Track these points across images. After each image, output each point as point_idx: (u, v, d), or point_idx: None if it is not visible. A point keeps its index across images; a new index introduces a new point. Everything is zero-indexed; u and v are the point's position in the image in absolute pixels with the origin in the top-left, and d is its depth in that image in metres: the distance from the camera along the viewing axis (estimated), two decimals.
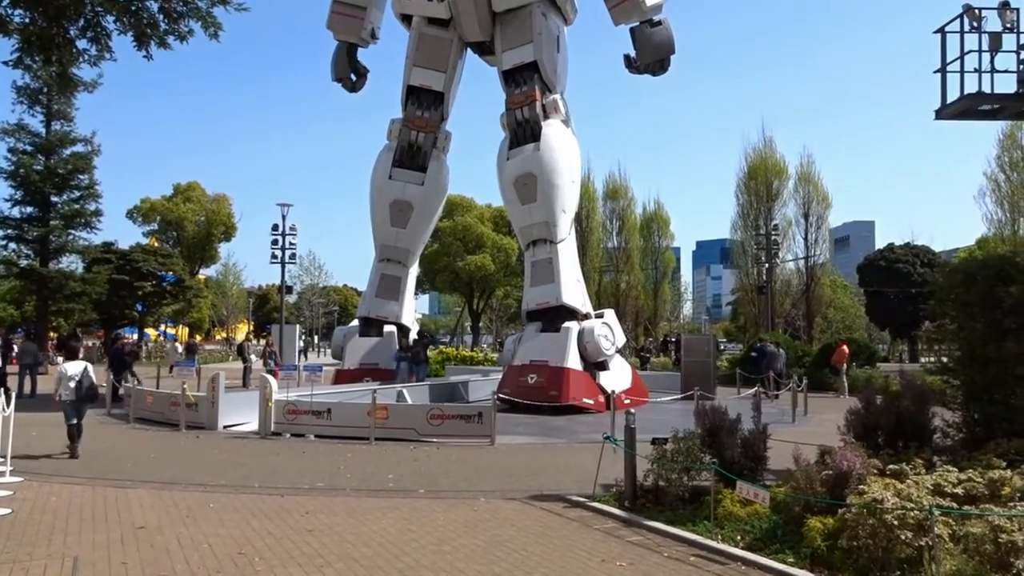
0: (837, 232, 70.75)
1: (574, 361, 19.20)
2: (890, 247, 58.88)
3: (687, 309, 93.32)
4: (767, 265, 41.98)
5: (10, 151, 36.98)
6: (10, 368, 22.90)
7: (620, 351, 21.48)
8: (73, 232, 39.33)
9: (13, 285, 41.98)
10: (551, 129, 20.42)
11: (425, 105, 22.52)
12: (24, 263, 37.83)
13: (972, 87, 11.56)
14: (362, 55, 24.25)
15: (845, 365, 26.38)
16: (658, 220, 53.06)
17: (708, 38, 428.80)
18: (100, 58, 8.29)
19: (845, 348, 27.05)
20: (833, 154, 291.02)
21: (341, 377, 22.00)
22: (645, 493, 8.71)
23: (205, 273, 73.91)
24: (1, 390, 12.50)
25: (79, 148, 38.79)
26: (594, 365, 19.74)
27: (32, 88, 35.58)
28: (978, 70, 11.56)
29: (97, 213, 39.48)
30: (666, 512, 8.08)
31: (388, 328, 22.69)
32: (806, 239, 43.98)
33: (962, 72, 11.64)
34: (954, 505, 6.28)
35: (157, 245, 59.22)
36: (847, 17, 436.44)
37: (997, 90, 11.56)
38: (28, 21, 7.83)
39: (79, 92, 28.25)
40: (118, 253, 48.84)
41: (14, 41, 7.88)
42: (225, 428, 15.46)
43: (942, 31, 11.85)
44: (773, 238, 41.98)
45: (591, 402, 18.92)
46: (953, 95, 11.80)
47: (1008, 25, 11.43)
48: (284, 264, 37.19)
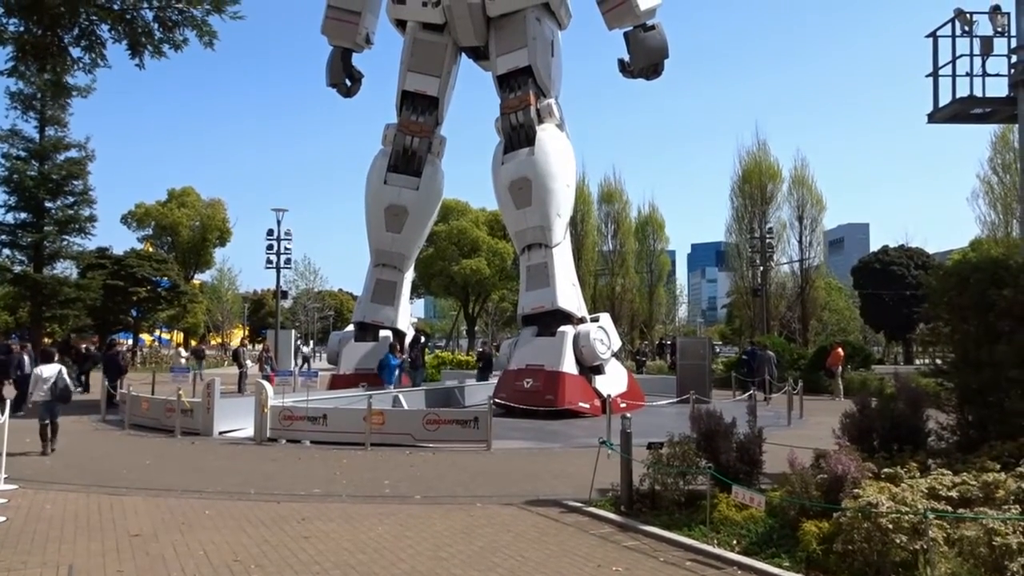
0: (831, 234, 71.10)
1: (570, 365, 19.21)
2: (884, 249, 59.11)
3: (682, 312, 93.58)
4: (762, 268, 42.10)
5: (3, 157, 36.80)
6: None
7: (616, 355, 21.50)
8: (67, 238, 39.13)
9: (7, 291, 41.84)
10: (546, 133, 20.46)
11: (420, 110, 22.56)
12: (18, 269, 37.68)
13: (964, 91, 11.63)
14: (357, 60, 24.29)
15: (840, 368, 26.46)
16: (653, 223, 53.25)
17: (702, 42, 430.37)
18: (94, 66, 8.28)
19: (840, 351, 27.13)
20: (827, 156, 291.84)
21: (337, 382, 21.98)
22: (641, 498, 8.72)
23: (200, 278, 73.80)
24: None
25: (73, 154, 38.58)
26: (590, 369, 19.77)
27: (26, 94, 35.43)
28: (970, 74, 11.62)
29: (91, 219, 39.28)
30: (662, 516, 8.09)
31: (384, 333, 22.67)
32: (800, 242, 44.17)
33: (954, 76, 11.71)
34: (949, 508, 6.31)
35: (152, 250, 59.11)
36: (841, 21, 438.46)
37: (989, 94, 11.63)
38: (23, 30, 7.84)
39: (73, 98, 28.22)
40: (113, 259, 48.72)
41: (9, 50, 7.90)
42: (221, 434, 15.43)
43: (934, 35, 11.91)
44: (768, 241, 42.15)
45: (587, 406, 18.93)
46: (945, 99, 11.87)
47: (999, 29, 11.49)
48: (279, 269, 37.12)
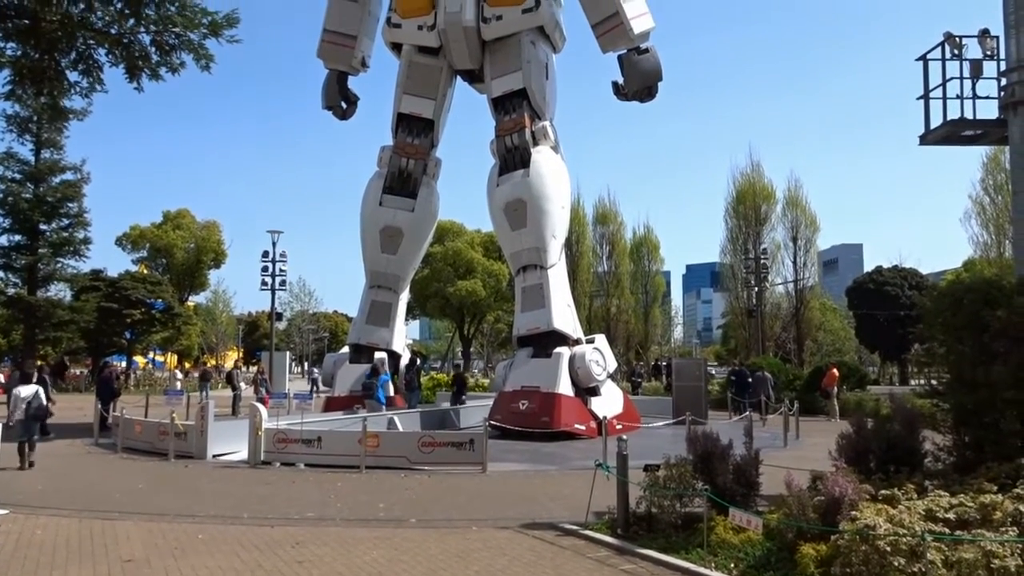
0: (825, 255, 71.27)
1: (565, 387, 19.16)
2: (878, 270, 59.30)
3: (678, 333, 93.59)
4: (756, 289, 42.19)
5: None
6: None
7: (611, 376, 21.46)
8: (62, 260, 39.16)
9: (0, 314, 41.68)
10: (540, 155, 20.55)
11: (415, 132, 22.66)
12: (11, 291, 37.59)
13: (955, 113, 11.74)
14: (352, 82, 24.42)
15: (836, 388, 26.45)
16: (648, 244, 53.32)
17: (696, 64, 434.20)
18: (91, 90, 8.32)
19: (835, 371, 27.12)
20: (820, 178, 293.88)
21: (331, 404, 21.85)
22: (638, 520, 8.66)
23: (195, 300, 73.58)
24: None
25: (69, 176, 38.71)
26: (585, 390, 19.71)
27: (22, 117, 35.58)
28: (960, 96, 11.74)
29: (86, 241, 39.32)
30: (659, 539, 8.04)
31: (379, 355, 22.59)
32: (795, 262, 44.30)
33: (944, 99, 11.82)
34: (946, 531, 6.28)
35: (146, 272, 58.92)
36: (833, 44, 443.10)
37: (979, 116, 11.74)
38: (20, 54, 7.88)
39: (70, 120, 28.29)
40: (107, 281, 48.54)
41: (6, 73, 7.94)
42: (214, 457, 15.31)
43: (924, 59, 12.04)
44: (762, 262, 42.26)
45: (583, 428, 18.86)
46: (936, 121, 11.97)
47: (988, 52, 11.63)
48: (274, 291, 37.08)
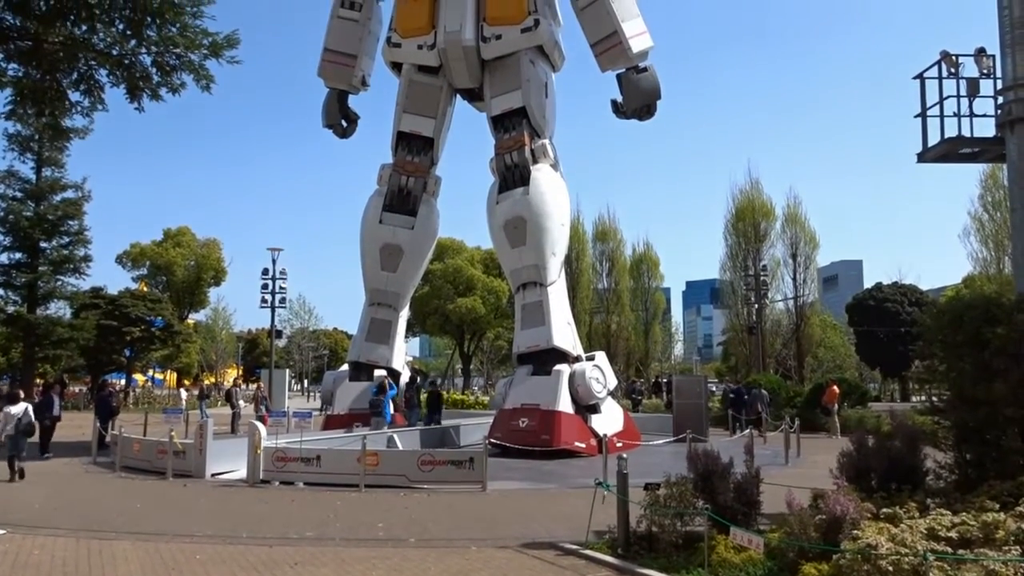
0: (825, 271, 71.39)
1: (565, 404, 19.11)
2: (878, 286, 59.31)
3: (678, 350, 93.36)
4: (756, 305, 42.17)
5: (0, 197, 37.01)
6: None
7: (611, 393, 21.41)
8: (62, 278, 39.21)
9: (0, 332, 41.70)
10: (540, 173, 20.63)
11: (415, 150, 22.75)
12: (11, 309, 37.57)
13: (952, 131, 11.77)
14: (352, 99, 24.54)
15: (836, 405, 26.39)
16: (647, 261, 53.33)
17: (695, 81, 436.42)
18: (92, 110, 8.39)
19: (836, 388, 27.07)
20: (819, 194, 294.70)
21: (331, 423, 21.79)
22: (638, 539, 8.61)
23: (194, 318, 73.58)
24: None
25: (69, 194, 38.85)
26: (586, 408, 19.66)
27: (23, 135, 35.74)
28: (957, 114, 11.77)
29: (86, 259, 39.39)
30: (660, 559, 7.99)
31: (378, 372, 22.56)
32: (795, 279, 44.25)
33: (942, 116, 11.84)
34: (948, 549, 6.25)
35: (146, 290, 58.98)
36: (833, 60, 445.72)
37: (977, 134, 11.77)
38: (22, 74, 7.94)
39: (70, 139, 28.40)
40: (107, 298, 48.58)
41: (8, 93, 8.00)
42: (213, 476, 15.25)
43: (921, 77, 12.09)
44: (762, 278, 42.26)
45: (583, 446, 18.79)
46: (934, 139, 11.99)
47: (985, 71, 11.67)
48: (274, 308, 37.11)
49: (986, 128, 11.63)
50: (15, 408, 14.98)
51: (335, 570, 8.11)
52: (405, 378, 23.74)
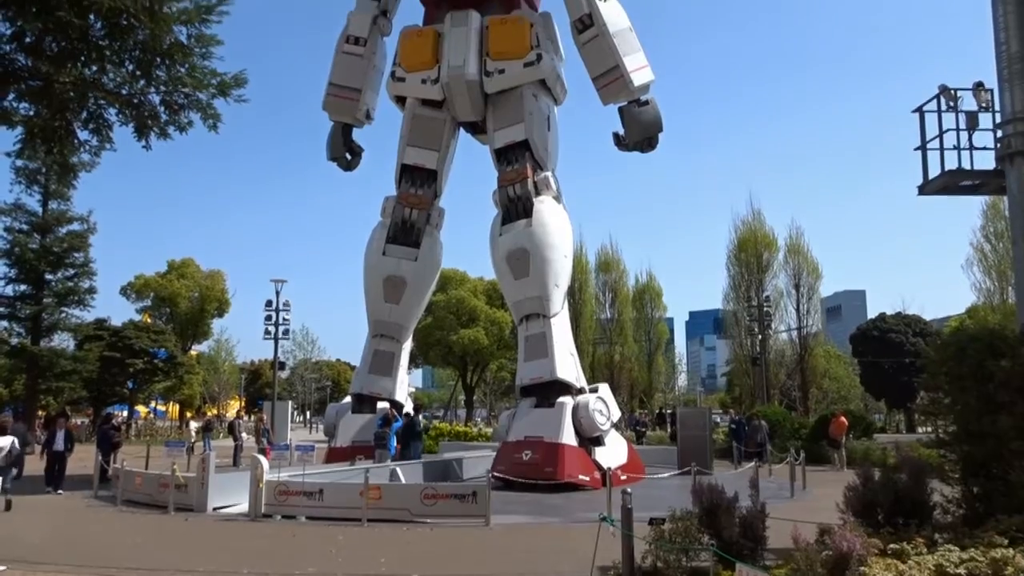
0: (828, 302, 71.29)
1: (569, 437, 19.02)
2: (882, 317, 59.26)
3: (682, 380, 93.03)
4: (760, 336, 42.08)
5: (6, 230, 37.24)
6: None
7: (615, 425, 21.31)
8: (66, 310, 39.27)
9: (3, 363, 41.70)
10: (543, 205, 20.75)
11: (419, 183, 22.92)
12: (15, 341, 37.60)
13: (952, 163, 11.85)
14: (356, 132, 24.74)
15: (844, 437, 26.22)
16: (650, 291, 53.39)
17: (697, 113, 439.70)
18: (101, 148, 8.50)
19: (843, 419, 26.89)
20: (821, 223, 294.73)
21: (333, 455, 21.68)
22: (643, 575, 8.52)
23: (197, 349, 73.51)
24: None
25: (75, 227, 39.08)
26: (589, 440, 19.55)
27: (31, 168, 36.02)
28: (957, 147, 11.85)
29: (91, 291, 39.50)
30: None
31: (381, 404, 22.50)
32: (798, 309, 44.25)
33: (941, 149, 11.92)
34: None
35: (150, 321, 59.04)
36: (835, 91, 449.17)
37: (977, 166, 11.83)
38: (32, 113, 8.06)
39: (78, 176, 28.59)
40: (110, 330, 48.66)
41: (17, 131, 8.11)
42: (215, 510, 15.14)
43: (920, 111, 12.20)
44: (765, 309, 42.24)
45: (587, 479, 18.65)
46: (934, 171, 12.06)
47: (983, 105, 11.78)
48: (277, 340, 37.15)
49: (986, 161, 11.70)
50: (2, 441, 15.00)
51: None
52: (408, 410, 23.66)
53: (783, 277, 44.65)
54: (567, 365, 20.16)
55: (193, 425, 40.83)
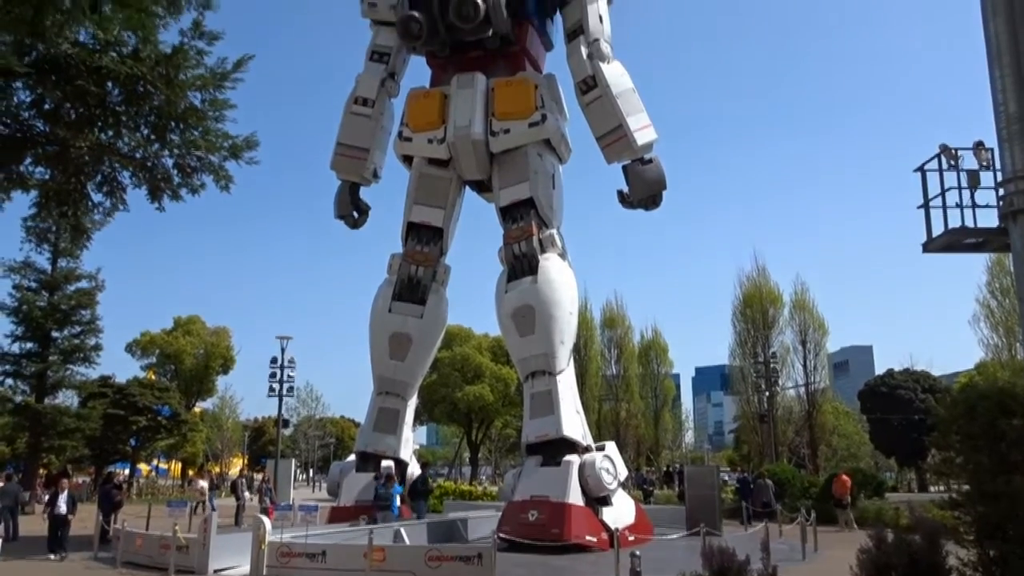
0: (836, 357, 70.82)
1: (576, 496, 18.73)
2: (890, 373, 58.79)
3: (689, 437, 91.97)
4: (767, 393, 41.78)
5: (15, 288, 37.45)
6: None
7: (622, 484, 21.01)
8: (71, 367, 39.23)
9: (6, 421, 41.51)
10: (548, 263, 20.86)
11: (425, 240, 23.09)
12: (19, 399, 37.47)
13: (955, 221, 11.91)
14: (363, 191, 25.03)
15: (848, 496, 25.68)
16: (656, 347, 53.26)
17: (702, 171, 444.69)
18: (114, 210, 8.66)
19: (845, 478, 26.40)
20: (827, 279, 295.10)
21: (336, 514, 21.36)
22: None
23: (201, 406, 73.18)
24: None
25: (83, 284, 39.27)
26: (596, 500, 19.26)
27: (42, 228, 36.36)
28: (960, 205, 11.94)
29: (97, 348, 39.52)
30: None
31: (385, 463, 22.26)
32: (805, 366, 44.01)
33: (944, 207, 11.98)
34: None
35: (154, 378, 58.93)
36: (836, 147, 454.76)
37: (980, 223, 11.90)
38: (48, 177, 8.22)
39: (90, 238, 28.94)
40: (115, 387, 48.52)
41: (33, 195, 8.26)
42: (216, 572, 14.90)
43: (922, 169, 12.33)
44: (772, 365, 42.02)
45: (594, 540, 18.30)
46: (938, 229, 12.11)
47: (984, 163, 11.90)
48: (281, 398, 37.01)
49: (989, 218, 11.77)
50: None
51: None
52: (413, 467, 23.40)
53: (789, 333, 44.58)
54: (573, 422, 20.00)
55: (202, 484, 40.36)
